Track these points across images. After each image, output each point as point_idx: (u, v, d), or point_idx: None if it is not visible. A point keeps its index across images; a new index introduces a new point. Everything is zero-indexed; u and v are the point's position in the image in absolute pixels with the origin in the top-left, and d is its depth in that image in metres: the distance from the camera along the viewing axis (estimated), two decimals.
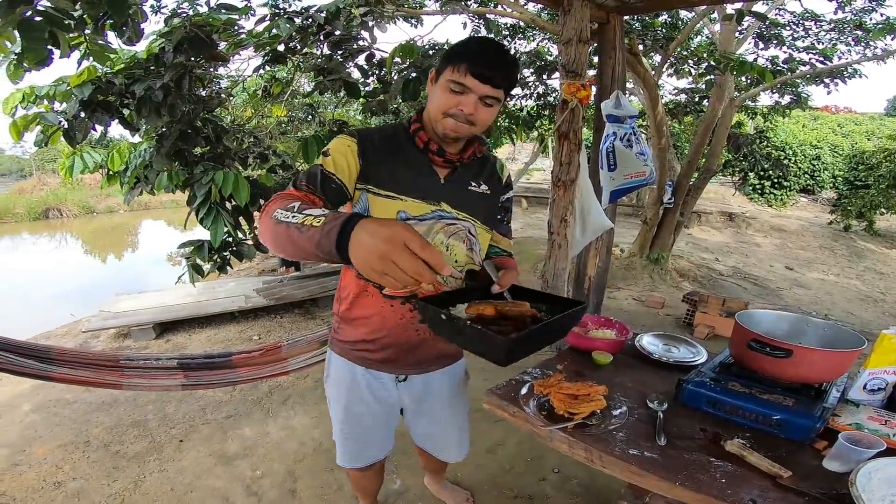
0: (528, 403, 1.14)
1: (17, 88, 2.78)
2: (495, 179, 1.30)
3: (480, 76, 1.03)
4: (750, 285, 6.72)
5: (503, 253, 1.35)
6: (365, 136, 1.16)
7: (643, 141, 3.23)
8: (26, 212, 14.79)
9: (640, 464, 0.96)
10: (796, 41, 5.94)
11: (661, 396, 1.17)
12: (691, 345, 1.52)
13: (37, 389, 3.16)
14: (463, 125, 1.09)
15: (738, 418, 1.12)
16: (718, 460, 0.98)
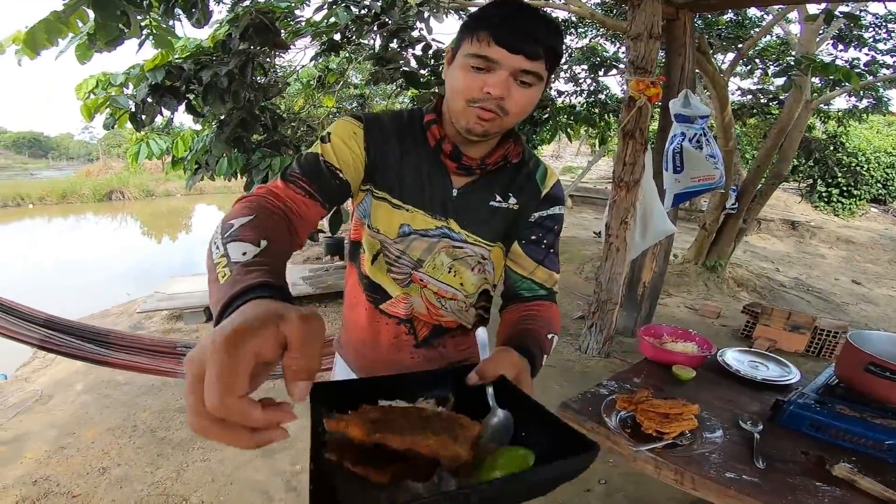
0: (610, 417, 1.05)
1: (91, 75, 2.89)
2: (530, 190, 0.96)
3: (509, 44, 0.76)
4: (813, 298, 6.31)
5: (541, 293, 0.97)
6: (373, 123, 0.90)
7: (714, 142, 3.06)
8: (92, 193, 15.71)
9: (739, 488, 0.87)
10: (878, 43, 5.61)
11: (754, 417, 1.06)
12: (782, 363, 1.39)
13: (91, 369, 3.25)
14: (492, 114, 0.80)
15: (842, 442, 1.02)
16: (825, 485, 0.90)
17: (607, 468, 2.31)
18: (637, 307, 3.86)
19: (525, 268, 0.97)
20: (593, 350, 3.46)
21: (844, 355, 1.11)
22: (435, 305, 0.98)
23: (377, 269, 0.95)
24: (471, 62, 0.78)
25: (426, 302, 0.97)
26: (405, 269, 0.95)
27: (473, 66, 0.78)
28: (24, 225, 12.65)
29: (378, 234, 0.93)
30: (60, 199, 15.23)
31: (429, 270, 0.95)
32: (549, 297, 0.97)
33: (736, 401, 1.19)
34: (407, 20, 3.27)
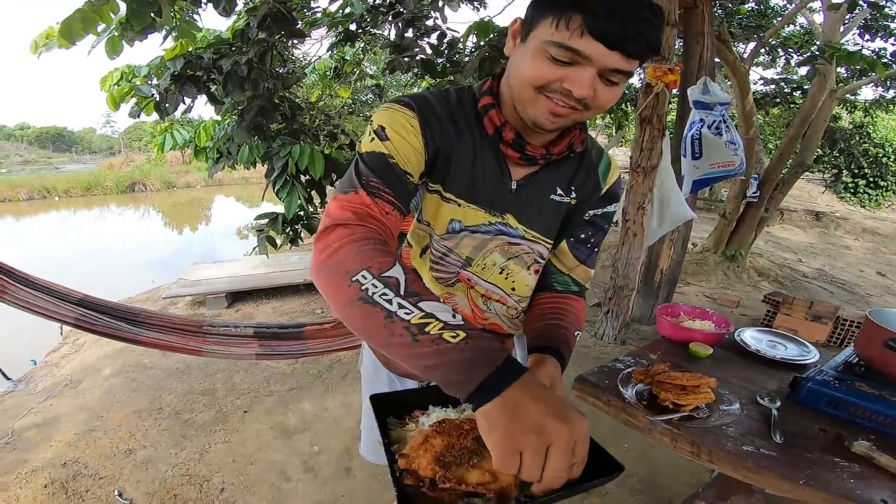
0: (626, 389, 1.06)
1: (116, 68, 2.96)
2: (591, 185, 0.87)
3: (608, 37, 0.62)
4: (836, 289, 6.18)
5: (573, 288, 0.93)
6: (425, 108, 0.78)
7: (734, 129, 3.02)
8: (114, 185, 16.10)
9: (756, 461, 0.88)
10: None
11: (772, 394, 1.06)
12: (801, 343, 1.38)
13: (118, 353, 3.36)
14: (566, 110, 0.69)
15: (861, 420, 1.02)
16: (843, 461, 0.90)
17: (621, 452, 2.31)
18: (654, 294, 3.84)
19: (566, 265, 0.92)
20: (609, 336, 3.46)
21: (864, 333, 1.11)
22: (480, 308, 0.92)
23: (423, 263, 0.89)
24: (552, 51, 0.64)
25: (471, 303, 0.91)
26: (451, 269, 0.88)
27: (556, 56, 0.64)
28: (51, 216, 13.01)
29: (428, 227, 0.86)
30: (85, 191, 15.64)
31: (477, 270, 0.88)
32: (580, 294, 0.94)
33: (754, 378, 1.19)
34: (422, 9, 3.28)
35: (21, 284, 1.56)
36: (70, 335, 3.98)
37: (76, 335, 3.93)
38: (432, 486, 0.58)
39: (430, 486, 0.58)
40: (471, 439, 0.60)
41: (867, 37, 5.57)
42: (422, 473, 0.58)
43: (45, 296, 1.58)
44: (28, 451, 2.34)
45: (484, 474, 0.57)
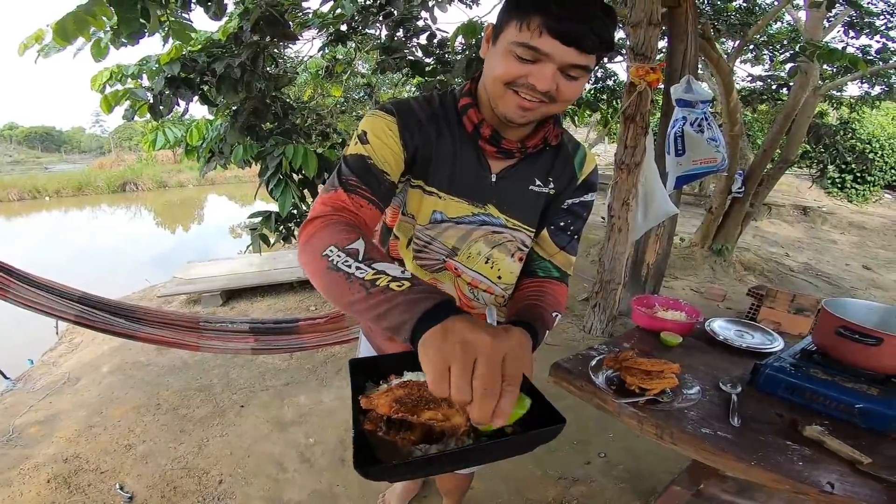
0: (597, 375, 1.14)
1: (105, 67, 2.97)
2: (567, 175, 0.94)
3: (563, 35, 0.70)
4: (822, 283, 6.30)
5: (554, 274, 0.97)
6: (405, 113, 0.87)
7: (716, 126, 3.10)
8: (106, 185, 16.00)
9: (714, 443, 0.95)
10: (890, 30, 5.52)
11: (734, 380, 1.14)
12: (767, 332, 1.46)
13: (115, 351, 3.40)
14: (533, 103, 0.76)
15: (816, 405, 1.09)
16: (796, 444, 0.96)
17: (607, 441, 2.40)
18: (641, 288, 3.93)
19: (546, 251, 0.97)
20: (597, 330, 3.54)
21: (820, 321, 1.18)
22: (467, 296, 0.98)
23: (409, 252, 0.95)
24: (517, 51, 0.72)
25: (459, 292, 0.97)
26: (436, 256, 0.94)
27: (520, 55, 0.73)
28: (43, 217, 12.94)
29: (412, 219, 0.92)
30: (76, 191, 15.54)
31: (463, 259, 0.94)
32: (561, 279, 0.98)
33: (719, 365, 1.27)
34: (411, 10, 3.32)
35: (23, 283, 1.61)
36: (66, 335, 4.01)
37: (72, 335, 3.96)
38: (388, 430, 0.63)
39: (385, 429, 0.63)
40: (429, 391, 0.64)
41: (851, 34, 5.66)
42: (379, 411, 0.62)
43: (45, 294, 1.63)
44: (30, 447, 2.39)
45: (436, 413, 0.61)
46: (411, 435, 0.63)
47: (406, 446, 0.62)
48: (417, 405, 0.63)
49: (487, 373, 0.51)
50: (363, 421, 0.64)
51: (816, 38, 5.26)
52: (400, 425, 0.63)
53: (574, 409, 2.60)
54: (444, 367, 0.52)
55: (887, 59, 5.56)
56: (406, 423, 0.63)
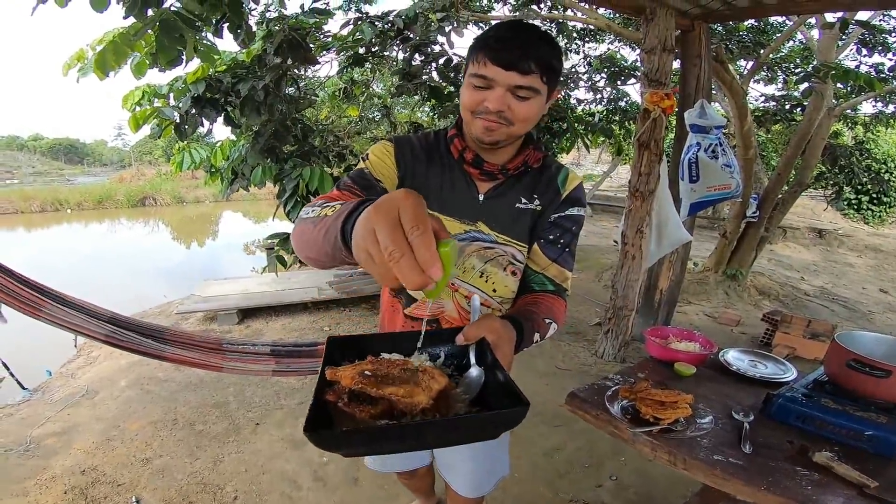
0: (612, 405, 1.17)
1: (137, 86, 3.09)
2: (552, 192, 1.03)
3: (503, 61, 0.84)
4: (838, 307, 6.21)
5: (549, 288, 1.03)
6: (402, 143, 1.02)
7: (730, 152, 3.11)
8: (126, 199, 16.36)
9: (724, 468, 0.97)
10: None
11: (747, 409, 1.15)
12: (780, 363, 1.47)
13: (132, 366, 3.46)
14: (494, 124, 0.89)
15: (826, 433, 1.11)
16: (805, 469, 0.99)
17: (618, 465, 2.39)
18: (654, 314, 3.92)
19: (539, 264, 1.03)
20: (609, 355, 3.54)
21: (831, 353, 1.20)
22: (466, 309, 1.04)
23: None
24: (473, 81, 0.88)
25: (457, 305, 1.04)
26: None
27: (475, 84, 0.88)
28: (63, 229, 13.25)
29: None
30: (97, 204, 15.91)
31: (458, 273, 1.02)
32: (557, 293, 1.03)
33: (732, 395, 1.29)
34: (429, 35, 3.41)
35: (56, 302, 1.68)
36: (84, 347, 4.09)
37: (90, 348, 4.04)
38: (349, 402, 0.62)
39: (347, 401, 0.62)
40: (398, 370, 0.67)
41: (864, 52, 5.65)
42: (343, 383, 0.63)
43: (77, 313, 1.70)
44: (47, 458, 2.43)
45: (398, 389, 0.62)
46: (371, 409, 0.62)
47: (363, 419, 0.61)
48: (382, 381, 0.63)
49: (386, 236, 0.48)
50: (327, 392, 0.64)
51: (830, 57, 5.25)
52: (362, 400, 0.62)
53: (586, 432, 2.61)
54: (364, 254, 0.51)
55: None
56: (369, 398, 0.62)
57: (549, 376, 3.36)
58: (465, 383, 0.73)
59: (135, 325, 1.85)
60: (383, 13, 3.48)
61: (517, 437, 2.60)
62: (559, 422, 2.71)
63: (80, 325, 1.69)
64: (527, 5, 5.67)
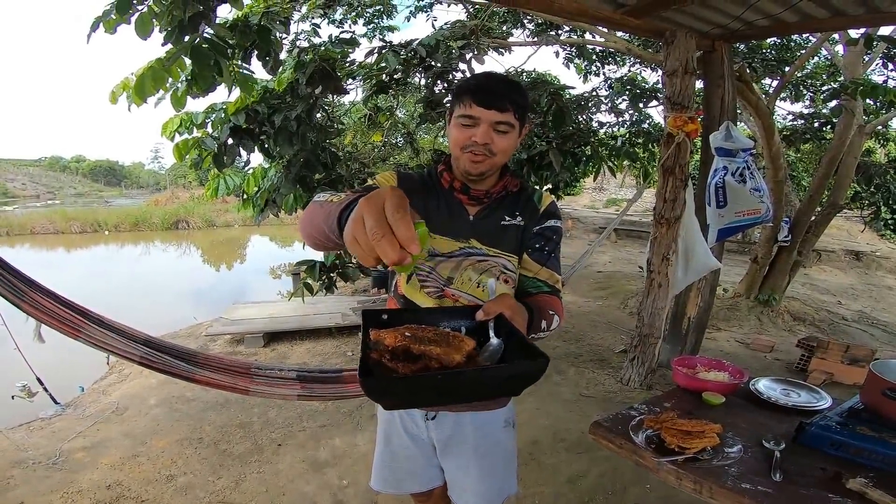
0: (637, 435, 1.16)
1: (176, 115, 3.21)
2: (531, 209, 1.20)
3: (485, 103, 1.04)
4: (878, 332, 5.96)
5: (545, 289, 1.18)
6: (403, 175, 1.20)
7: (759, 175, 3.03)
8: (160, 222, 16.95)
9: (753, 496, 0.95)
10: None
11: (777, 437, 1.13)
12: (814, 391, 1.43)
13: (162, 385, 3.56)
14: (482, 157, 1.07)
15: (862, 459, 1.09)
16: (837, 496, 0.96)
17: (643, 492, 2.33)
18: (682, 341, 3.83)
19: (531, 270, 1.19)
20: (635, 382, 3.46)
21: (867, 382, 1.17)
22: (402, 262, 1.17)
23: (411, 287, 1.18)
24: (461, 121, 1.06)
25: None
26: (436, 284, 1.16)
27: (463, 123, 1.06)
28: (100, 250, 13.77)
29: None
30: (133, 226, 16.52)
31: (458, 286, 1.16)
32: (552, 293, 1.18)
33: (764, 424, 1.25)
34: (450, 62, 3.49)
35: (95, 324, 1.76)
36: (116, 365, 4.22)
37: (122, 366, 4.16)
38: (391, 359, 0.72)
39: (389, 358, 0.72)
40: (432, 333, 0.79)
41: (891, 67, 5.49)
42: (386, 342, 0.74)
43: (114, 335, 1.77)
44: (75, 472, 2.51)
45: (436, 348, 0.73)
46: (412, 366, 0.72)
47: (406, 373, 0.71)
48: (420, 342, 0.74)
49: (371, 220, 0.56)
50: (371, 352, 0.75)
51: (856, 72, 5.13)
52: (402, 359, 0.73)
53: (610, 459, 2.55)
54: (351, 237, 0.60)
55: None
56: (408, 357, 0.73)
57: (573, 403, 3.30)
58: (490, 351, 0.86)
59: (168, 347, 1.93)
60: (406, 42, 3.58)
61: (540, 464, 2.57)
62: (582, 449, 2.66)
63: (116, 347, 1.77)
64: (545, 31, 5.76)
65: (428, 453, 1.31)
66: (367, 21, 5.73)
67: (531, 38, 5.99)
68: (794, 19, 2.78)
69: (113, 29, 2.16)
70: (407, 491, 1.37)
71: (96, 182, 40.72)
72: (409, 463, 1.32)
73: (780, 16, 2.68)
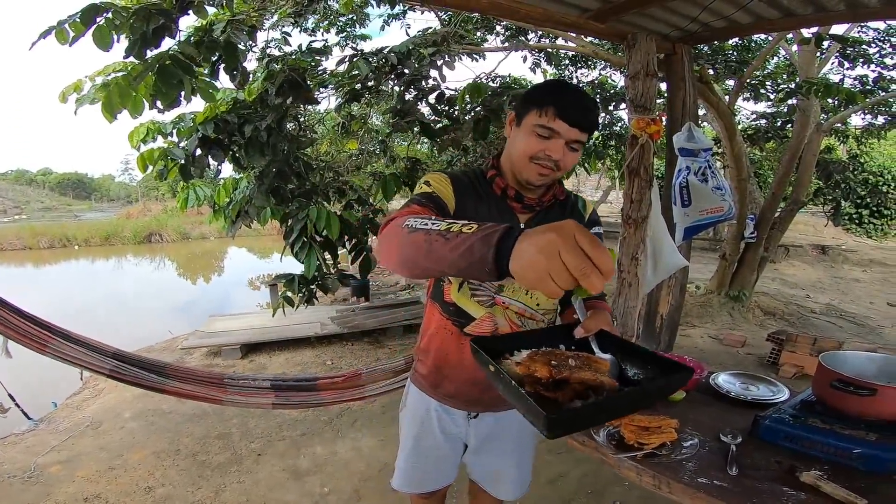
0: (598, 433, 1.19)
1: (142, 123, 3.12)
2: (577, 217, 1.23)
3: (569, 119, 1.01)
4: (846, 323, 6.17)
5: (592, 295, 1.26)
6: (455, 178, 1.16)
7: (720, 174, 3.12)
8: (132, 235, 16.58)
9: (708, 491, 0.98)
10: (884, 58, 5.48)
11: (735, 431, 1.17)
12: (772, 384, 1.48)
13: (137, 398, 3.51)
14: (548, 171, 1.07)
15: (815, 452, 1.12)
16: (791, 490, 0.99)
17: (623, 490, 2.38)
18: (656, 339, 3.90)
19: None
20: None
21: (817, 374, 1.22)
22: (517, 324, 1.19)
23: (462, 295, 1.19)
24: (537, 130, 1.03)
25: (509, 321, 1.19)
26: (488, 293, 1.18)
27: (539, 133, 1.03)
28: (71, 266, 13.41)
29: None
30: (104, 240, 16.14)
31: (509, 294, 1.18)
32: (600, 297, 1.22)
33: (722, 418, 1.30)
34: (421, 70, 3.50)
35: (61, 339, 1.74)
36: (90, 381, 4.13)
37: (96, 381, 4.08)
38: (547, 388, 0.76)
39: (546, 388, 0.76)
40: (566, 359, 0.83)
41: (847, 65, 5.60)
42: (539, 374, 0.77)
43: (82, 349, 1.75)
44: (52, 485, 2.47)
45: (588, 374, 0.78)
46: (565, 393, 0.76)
47: (566, 402, 0.75)
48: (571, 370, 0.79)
49: (572, 258, 0.60)
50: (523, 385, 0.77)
51: (811, 72, 5.27)
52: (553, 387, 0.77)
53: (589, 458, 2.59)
54: (543, 273, 0.62)
55: (886, 88, 5.51)
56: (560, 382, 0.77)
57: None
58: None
59: (138, 360, 1.92)
60: (377, 49, 3.59)
61: None
62: (562, 449, 2.70)
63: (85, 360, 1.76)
64: (516, 36, 5.83)
65: (458, 452, 1.37)
66: (339, 30, 5.72)
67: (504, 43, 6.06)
68: (748, 20, 2.86)
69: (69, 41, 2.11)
70: (425, 490, 1.41)
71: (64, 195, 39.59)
72: (438, 462, 1.36)
73: (734, 17, 2.75)
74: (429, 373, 1.29)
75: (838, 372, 1.15)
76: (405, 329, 5.24)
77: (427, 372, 1.30)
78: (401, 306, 5.69)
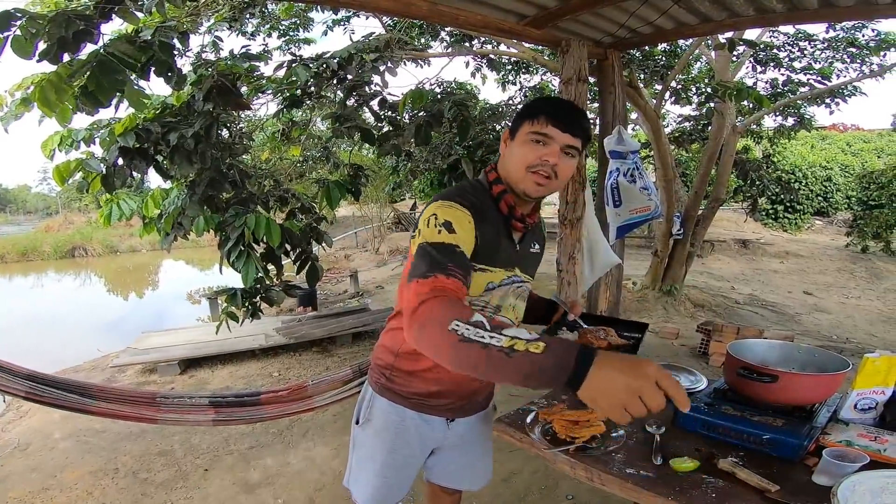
0: (533, 430, 1.24)
1: (56, 131, 2.91)
2: (543, 237, 1.34)
3: (561, 125, 1.05)
4: (768, 312, 6.67)
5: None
6: (474, 208, 1.08)
7: (646, 175, 3.31)
8: (53, 250, 15.36)
9: (636, 482, 1.04)
10: (793, 62, 5.95)
11: (658, 421, 1.25)
12: (692, 373, 1.59)
13: (66, 419, 3.28)
14: (545, 180, 1.08)
15: (731, 439, 1.18)
16: (710, 477, 1.05)
17: (574, 484, 2.46)
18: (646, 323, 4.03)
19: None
20: None
21: (726, 363, 1.31)
22: None
23: None
24: (531, 137, 1.07)
25: None
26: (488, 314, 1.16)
27: (534, 140, 1.07)
28: None
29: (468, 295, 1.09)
30: (21, 256, 14.86)
31: (504, 313, 1.22)
32: None
33: None
34: (363, 76, 3.48)
35: None
36: (13, 402, 3.84)
37: (18, 403, 3.79)
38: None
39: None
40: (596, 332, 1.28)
41: (759, 69, 6.03)
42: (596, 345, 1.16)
43: None
44: None
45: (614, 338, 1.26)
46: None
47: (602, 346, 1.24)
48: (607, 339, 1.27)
49: (654, 398, 0.71)
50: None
51: (726, 76, 5.62)
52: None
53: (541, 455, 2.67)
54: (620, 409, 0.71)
55: (795, 91, 5.95)
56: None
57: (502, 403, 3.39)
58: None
59: (56, 381, 1.82)
60: (317, 55, 3.53)
61: None
62: (514, 447, 2.76)
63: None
64: (460, 42, 5.92)
65: (425, 457, 1.35)
66: (281, 34, 5.58)
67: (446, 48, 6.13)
68: (671, 26, 3.02)
69: None
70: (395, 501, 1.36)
71: None
72: (409, 471, 1.32)
73: (658, 23, 2.91)
74: (421, 392, 1.24)
75: (743, 360, 1.24)
76: (354, 337, 5.18)
77: (418, 391, 1.24)
78: (349, 314, 5.62)
